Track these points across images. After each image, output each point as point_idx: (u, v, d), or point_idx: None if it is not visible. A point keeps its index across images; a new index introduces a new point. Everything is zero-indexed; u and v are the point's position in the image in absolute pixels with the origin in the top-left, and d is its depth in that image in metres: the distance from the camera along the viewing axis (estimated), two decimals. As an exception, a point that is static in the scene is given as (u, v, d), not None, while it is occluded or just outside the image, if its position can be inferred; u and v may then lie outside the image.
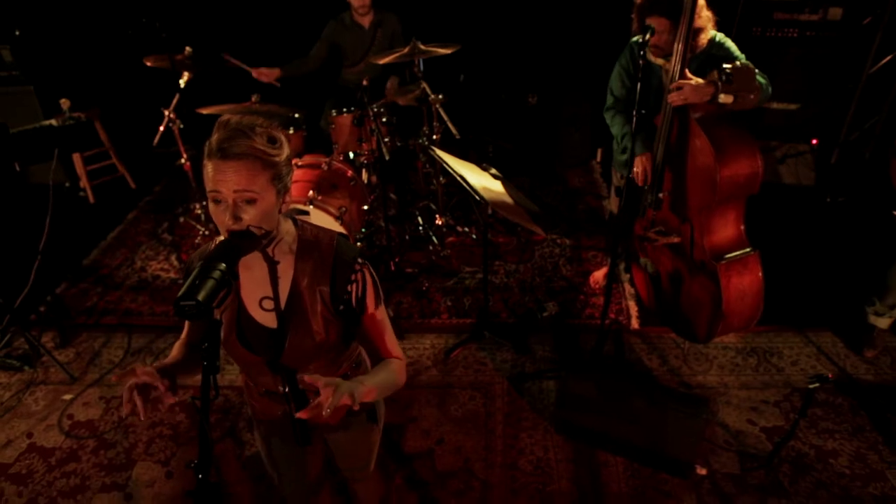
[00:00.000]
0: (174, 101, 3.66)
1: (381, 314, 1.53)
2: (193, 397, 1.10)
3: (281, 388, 1.56)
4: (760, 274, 2.73)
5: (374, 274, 1.49)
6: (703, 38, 2.57)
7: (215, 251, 1.19)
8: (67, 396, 3.06)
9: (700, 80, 2.45)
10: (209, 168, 1.23)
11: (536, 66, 5.05)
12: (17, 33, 4.44)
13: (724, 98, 2.39)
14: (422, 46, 3.52)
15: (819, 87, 4.19)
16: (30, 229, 3.02)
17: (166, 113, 3.68)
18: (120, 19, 4.79)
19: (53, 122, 3.09)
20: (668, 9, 2.48)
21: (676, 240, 2.83)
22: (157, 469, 2.68)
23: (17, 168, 2.99)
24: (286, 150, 1.31)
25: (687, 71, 2.50)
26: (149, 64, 3.69)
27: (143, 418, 1.20)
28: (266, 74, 4.04)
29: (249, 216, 1.25)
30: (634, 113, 2.50)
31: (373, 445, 1.94)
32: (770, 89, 2.55)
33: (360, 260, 1.46)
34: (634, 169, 2.80)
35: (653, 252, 3.03)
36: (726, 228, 2.72)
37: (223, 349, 1.49)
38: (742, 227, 2.74)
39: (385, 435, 2.72)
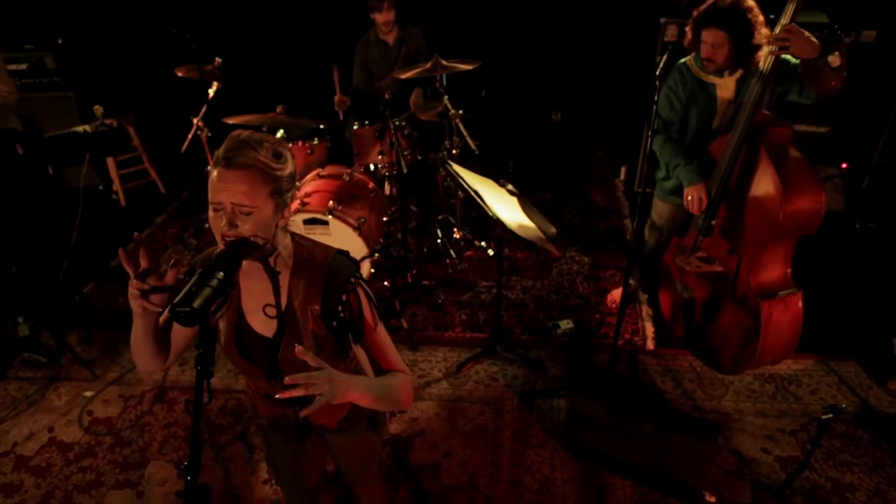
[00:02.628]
0: (202, 111, 3.77)
1: (381, 334, 1.52)
2: (188, 400, 1.13)
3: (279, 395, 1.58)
4: (801, 315, 2.65)
5: (369, 293, 1.49)
6: (761, 55, 2.47)
7: (215, 259, 1.22)
8: (88, 393, 3.15)
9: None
10: (213, 175, 1.27)
11: (560, 82, 5.06)
12: (60, 41, 4.62)
13: (833, 59, 2.23)
14: (444, 62, 3.57)
15: (850, 109, 4.10)
16: (62, 230, 3.14)
17: (195, 121, 3.79)
18: (153, 31, 4.96)
19: (87, 127, 3.21)
20: (725, 20, 2.40)
21: (719, 269, 2.74)
22: (170, 468, 2.73)
23: (51, 171, 3.11)
24: (290, 167, 1.34)
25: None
26: (179, 74, 3.81)
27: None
28: (343, 102, 4.19)
29: (245, 227, 1.28)
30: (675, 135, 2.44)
31: (373, 451, 1.96)
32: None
33: (352, 279, 1.46)
34: (687, 197, 2.70)
35: (688, 277, 2.95)
36: (775, 266, 2.64)
37: (223, 355, 1.52)
38: (790, 268, 2.65)
39: (392, 446, 2.76)
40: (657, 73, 2.38)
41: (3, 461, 2.79)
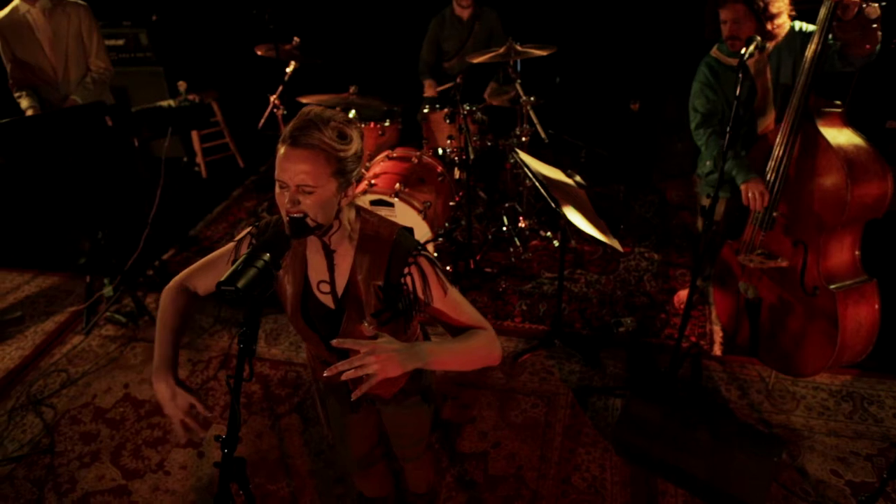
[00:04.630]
0: (279, 89, 3.87)
1: (451, 299, 1.50)
2: (229, 376, 1.17)
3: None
4: (877, 305, 2.51)
5: (434, 262, 1.48)
6: (783, 24, 2.43)
7: (265, 240, 1.25)
8: (161, 355, 3.33)
9: None
10: (280, 152, 1.30)
11: (641, 70, 4.86)
12: (154, 18, 4.85)
13: (870, 10, 2.12)
14: (518, 47, 3.49)
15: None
16: (147, 199, 3.31)
17: (272, 99, 3.89)
18: (236, 10, 5.12)
19: (171, 102, 3.36)
20: None
21: (784, 264, 2.61)
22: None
23: (136, 143, 3.28)
24: (355, 147, 1.35)
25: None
26: (259, 53, 3.92)
27: (205, 433, 1.40)
28: (432, 85, 4.23)
29: (307, 203, 1.30)
30: (728, 130, 2.32)
31: (425, 426, 1.97)
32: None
33: (414, 251, 1.46)
34: (746, 194, 2.57)
35: (751, 275, 2.82)
36: (843, 254, 2.52)
37: (290, 320, 1.58)
38: (858, 254, 2.53)
39: (442, 431, 2.78)
40: (743, 59, 2.23)
41: (84, 411, 3.01)
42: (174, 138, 3.26)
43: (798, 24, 2.50)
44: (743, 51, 2.22)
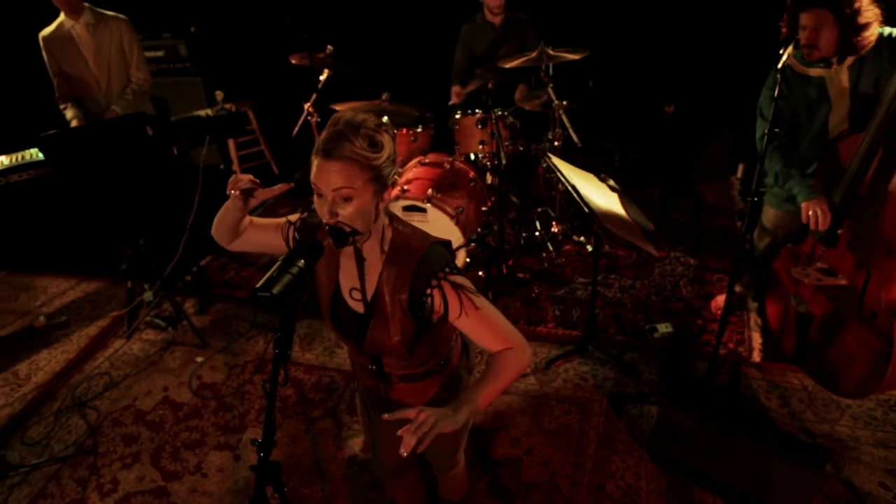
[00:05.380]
0: (313, 97, 3.92)
1: (473, 320, 1.46)
2: (265, 381, 1.18)
3: (369, 365, 1.66)
4: None
5: (458, 285, 1.44)
6: (870, 37, 2.20)
7: (299, 246, 1.27)
8: (199, 359, 3.40)
9: None
10: (314, 164, 1.32)
11: (675, 72, 4.78)
12: (193, 30, 4.97)
13: None
14: (550, 51, 3.47)
15: None
16: (185, 206, 3.40)
17: (306, 107, 3.95)
18: (271, 20, 5.21)
19: (208, 111, 3.44)
20: None
21: (843, 282, 2.46)
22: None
23: (175, 152, 3.37)
24: (386, 153, 1.35)
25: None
26: (293, 61, 3.98)
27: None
28: (458, 93, 4.23)
29: (346, 213, 1.32)
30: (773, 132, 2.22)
31: (459, 440, 1.97)
32: None
33: (440, 273, 1.43)
34: (807, 212, 2.41)
35: (805, 289, 2.68)
36: None
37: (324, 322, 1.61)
38: None
39: (474, 437, 2.77)
40: (779, 65, 2.17)
41: (125, 413, 3.09)
42: (211, 146, 3.33)
43: (888, 30, 2.28)
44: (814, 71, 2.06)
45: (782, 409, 2.78)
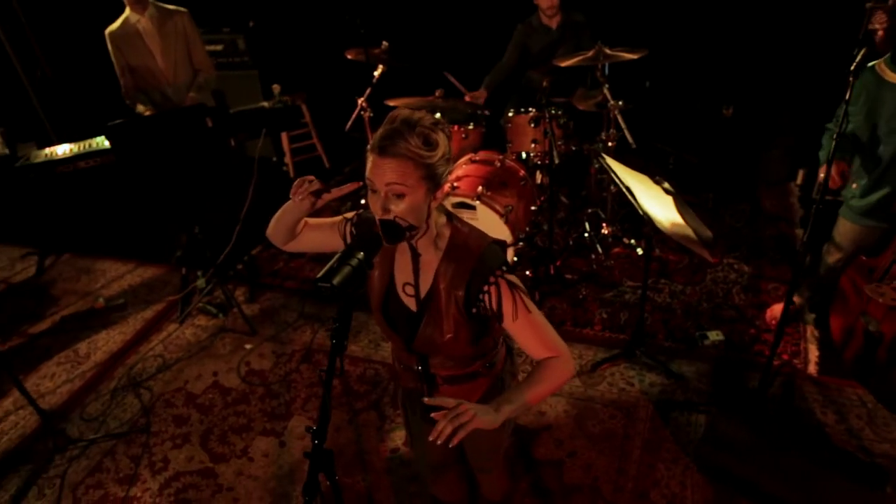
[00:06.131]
0: (367, 92, 3.96)
1: (524, 322, 1.47)
2: (321, 370, 1.20)
3: (415, 366, 1.66)
4: None
5: (513, 284, 1.45)
6: None
7: (358, 238, 1.28)
8: (248, 346, 3.48)
9: None
10: (369, 160, 1.34)
11: (736, 73, 4.65)
12: (251, 24, 5.09)
13: None
14: (607, 51, 3.42)
15: None
16: (240, 197, 3.48)
17: (359, 101, 4.00)
18: (328, 16, 5.29)
19: (266, 104, 3.51)
20: None
21: None
22: (309, 425, 2.95)
23: (233, 143, 3.45)
24: (441, 152, 1.36)
25: None
26: (349, 57, 4.03)
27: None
28: (476, 97, 4.18)
29: (398, 209, 1.33)
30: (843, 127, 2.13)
31: (499, 442, 1.96)
32: None
33: (497, 271, 1.44)
34: (826, 173, 2.30)
35: (876, 307, 2.57)
36: None
37: (374, 317, 1.62)
38: None
39: (516, 436, 2.76)
40: (852, 68, 2.08)
41: (177, 395, 3.19)
42: (265, 139, 3.40)
43: None
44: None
45: (839, 425, 2.68)
